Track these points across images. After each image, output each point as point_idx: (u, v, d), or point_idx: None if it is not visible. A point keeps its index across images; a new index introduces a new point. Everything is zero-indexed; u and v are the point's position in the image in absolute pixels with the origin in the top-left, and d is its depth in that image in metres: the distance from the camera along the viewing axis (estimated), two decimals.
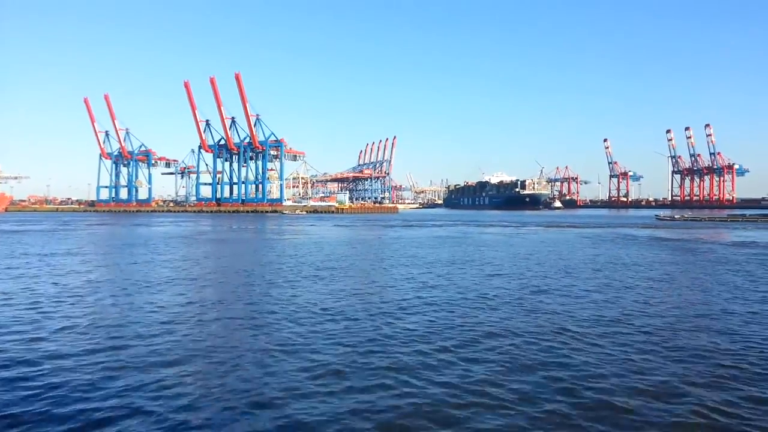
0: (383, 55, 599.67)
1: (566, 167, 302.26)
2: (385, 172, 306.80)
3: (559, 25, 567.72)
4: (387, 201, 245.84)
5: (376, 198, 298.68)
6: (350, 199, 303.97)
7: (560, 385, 9.15)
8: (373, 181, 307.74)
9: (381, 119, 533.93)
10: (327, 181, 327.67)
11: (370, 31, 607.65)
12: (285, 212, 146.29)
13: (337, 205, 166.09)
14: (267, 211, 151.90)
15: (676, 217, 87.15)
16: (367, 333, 12.70)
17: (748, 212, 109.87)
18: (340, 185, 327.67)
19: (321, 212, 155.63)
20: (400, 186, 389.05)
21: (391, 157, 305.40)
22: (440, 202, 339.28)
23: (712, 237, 50.16)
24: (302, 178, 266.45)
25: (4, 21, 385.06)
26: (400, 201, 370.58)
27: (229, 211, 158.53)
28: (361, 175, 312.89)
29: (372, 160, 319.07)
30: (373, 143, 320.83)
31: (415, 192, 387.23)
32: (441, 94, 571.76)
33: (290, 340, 12.06)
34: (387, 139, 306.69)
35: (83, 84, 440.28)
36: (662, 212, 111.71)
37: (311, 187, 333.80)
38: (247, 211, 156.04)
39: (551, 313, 15.16)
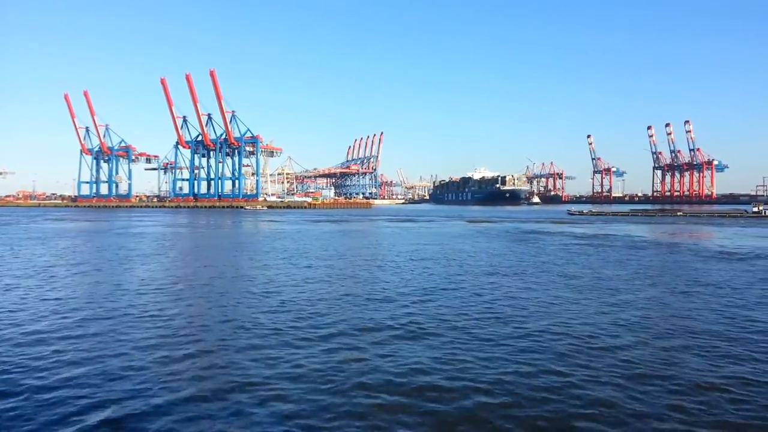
0: (375, 51, 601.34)
1: (551, 163, 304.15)
2: (372, 168, 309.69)
3: (546, 25, 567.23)
4: (359, 196, 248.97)
5: (363, 193, 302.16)
6: (336, 194, 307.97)
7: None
8: (360, 177, 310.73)
9: (373, 114, 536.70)
10: (316, 176, 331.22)
11: (360, 30, 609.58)
12: (247, 207, 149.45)
13: (309, 200, 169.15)
14: (241, 206, 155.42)
15: (584, 211, 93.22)
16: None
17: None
18: (328, 181, 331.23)
19: (294, 207, 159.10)
20: (391, 182, 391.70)
21: (378, 153, 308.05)
22: (428, 197, 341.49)
23: (576, 230, 52.95)
24: (287, 174, 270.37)
25: None
26: (392, 196, 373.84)
27: (205, 207, 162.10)
28: (348, 170, 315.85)
29: (360, 156, 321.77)
30: (361, 139, 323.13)
31: (406, 188, 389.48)
32: (433, 88, 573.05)
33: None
34: (374, 135, 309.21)
35: (65, 79, 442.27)
36: (574, 207, 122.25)
37: (301, 182, 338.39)
38: (223, 207, 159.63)
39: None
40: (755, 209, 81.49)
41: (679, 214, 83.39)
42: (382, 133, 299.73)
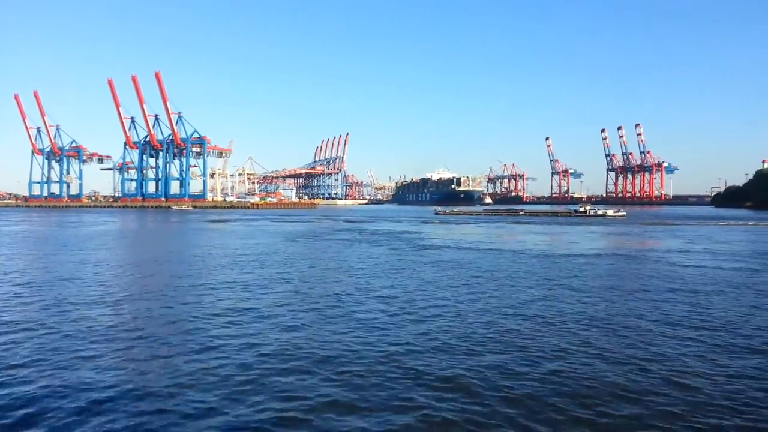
0: (353, 51, 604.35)
1: (513, 165, 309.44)
2: (338, 168, 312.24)
3: (516, 27, 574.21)
4: (304, 198, 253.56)
5: (329, 194, 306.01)
6: (302, 195, 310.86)
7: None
8: (326, 177, 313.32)
9: (345, 115, 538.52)
10: (284, 177, 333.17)
11: (346, 29, 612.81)
12: (173, 208, 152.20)
13: (253, 201, 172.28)
14: (169, 206, 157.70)
15: (447, 212, 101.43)
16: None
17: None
18: (295, 182, 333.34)
19: (238, 208, 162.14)
20: (361, 182, 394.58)
21: (343, 154, 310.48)
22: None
23: (395, 228, 56.76)
24: (248, 174, 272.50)
25: None
26: (362, 197, 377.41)
27: (152, 207, 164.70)
28: (313, 171, 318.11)
29: (326, 157, 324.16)
30: (328, 140, 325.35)
31: (375, 188, 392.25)
32: (405, 88, 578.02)
33: None
34: (340, 135, 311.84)
35: (15, 79, 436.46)
36: (440, 208, 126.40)
37: (270, 183, 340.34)
38: (169, 207, 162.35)
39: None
40: (581, 209, 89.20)
41: (521, 213, 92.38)
42: (348, 134, 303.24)
